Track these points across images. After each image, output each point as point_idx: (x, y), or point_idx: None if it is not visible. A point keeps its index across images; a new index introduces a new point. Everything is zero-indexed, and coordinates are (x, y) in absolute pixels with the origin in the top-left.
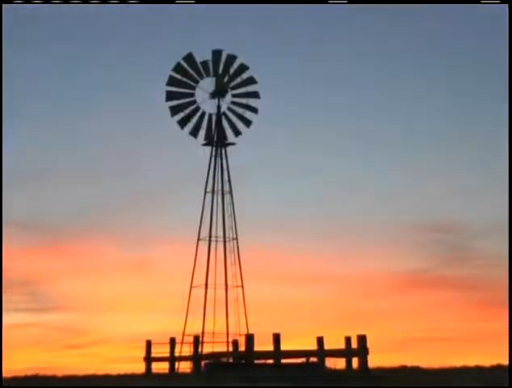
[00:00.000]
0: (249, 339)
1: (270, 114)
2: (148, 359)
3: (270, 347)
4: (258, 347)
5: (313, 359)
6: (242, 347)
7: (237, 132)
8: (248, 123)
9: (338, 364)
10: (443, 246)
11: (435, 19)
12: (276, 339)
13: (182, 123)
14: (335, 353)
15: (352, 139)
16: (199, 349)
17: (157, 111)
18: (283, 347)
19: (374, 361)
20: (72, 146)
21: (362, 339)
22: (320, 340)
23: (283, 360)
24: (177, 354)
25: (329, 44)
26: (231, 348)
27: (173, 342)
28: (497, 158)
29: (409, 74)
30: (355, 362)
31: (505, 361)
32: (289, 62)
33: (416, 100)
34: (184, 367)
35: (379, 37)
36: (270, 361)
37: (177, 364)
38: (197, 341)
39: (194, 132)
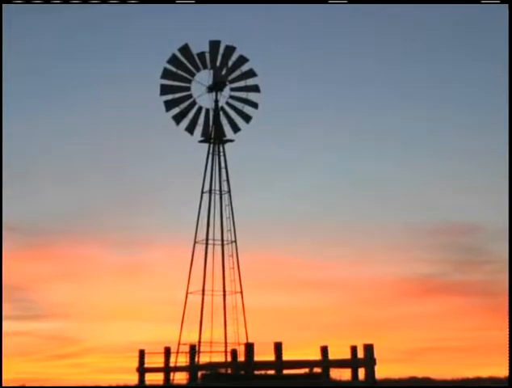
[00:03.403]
0: (249, 348)
1: (271, 109)
2: (142, 370)
3: (272, 358)
4: (258, 358)
5: (317, 369)
6: (241, 358)
7: (235, 129)
8: (247, 118)
9: (344, 375)
10: (455, 249)
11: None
12: (277, 348)
13: (178, 118)
14: (340, 364)
15: (357, 138)
16: (196, 359)
17: (151, 105)
18: (285, 357)
19: (382, 372)
20: (62, 148)
21: (369, 349)
22: (324, 350)
23: (285, 371)
24: (172, 364)
25: (331, 39)
26: (229, 358)
27: (168, 352)
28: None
29: (410, 73)
30: (362, 373)
31: None
32: (290, 55)
33: (427, 100)
34: (180, 378)
35: (380, 34)
36: (272, 372)
37: (172, 375)
38: (193, 351)
39: (190, 129)
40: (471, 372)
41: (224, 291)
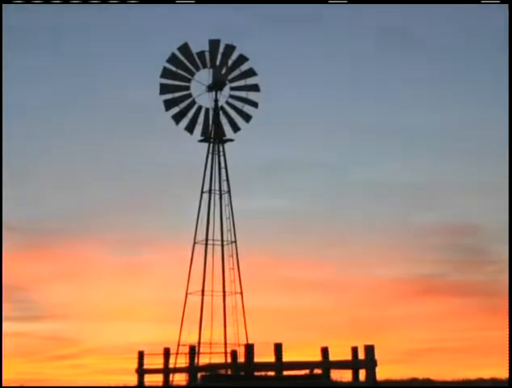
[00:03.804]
0: (249, 349)
1: (271, 109)
2: (141, 371)
3: (272, 359)
4: (258, 359)
5: (317, 371)
6: (241, 359)
7: (235, 128)
8: (247, 118)
9: (344, 376)
10: (455, 250)
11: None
12: (278, 349)
13: (177, 118)
14: (341, 365)
15: (357, 138)
16: (196, 360)
17: (151, 105)
18: (285, 358)
19: (382, 373)
20: (60, 147)
21: (369, 350)
22: (324, 351)
23: (285, 372)
24: (171, 366)
25: (332, 37)
26: (229, 360)
27: (167, 353)
28: None
29: (411, 72)
30: (362, 374)
31: None
32: (291, 54)
33: (427, 100)
34: (179, 379)
35: (380, 31)
36: (272, 373)
37: (171, 376)
38: (193, 352)
39: (189, 128)
40: (471, 373)
41: (224, 291)
